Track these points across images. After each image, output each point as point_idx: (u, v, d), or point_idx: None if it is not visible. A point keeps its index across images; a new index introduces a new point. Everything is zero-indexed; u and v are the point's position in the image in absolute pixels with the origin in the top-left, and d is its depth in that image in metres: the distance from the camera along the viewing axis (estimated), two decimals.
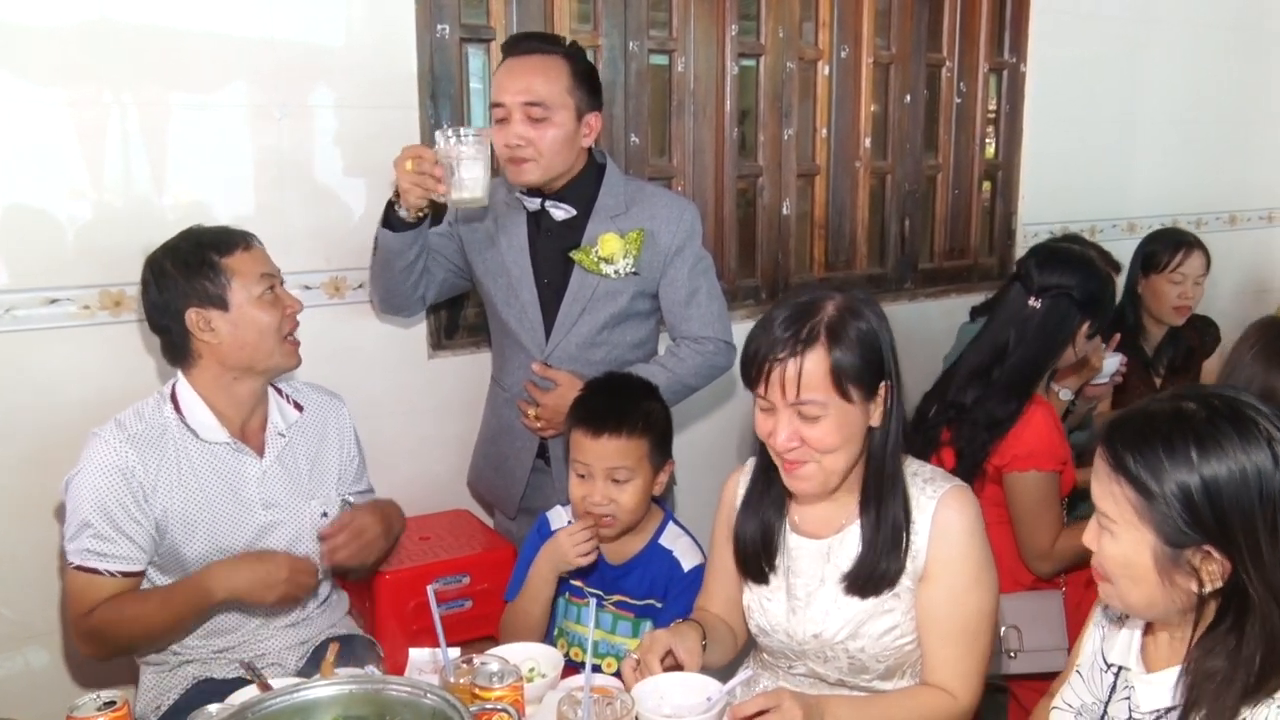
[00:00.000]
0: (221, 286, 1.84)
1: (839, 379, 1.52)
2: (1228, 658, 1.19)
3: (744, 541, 1.72)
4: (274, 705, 1.32)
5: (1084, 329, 2.35)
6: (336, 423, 2.08)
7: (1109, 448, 1.25)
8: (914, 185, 3.46)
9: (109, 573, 1.81)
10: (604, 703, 1.43)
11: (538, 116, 2.11)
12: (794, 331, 1.52)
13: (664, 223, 2.22)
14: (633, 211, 2.23)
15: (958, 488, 1.64)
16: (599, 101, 2.21)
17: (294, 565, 1.89)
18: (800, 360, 1.51)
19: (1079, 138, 3.76)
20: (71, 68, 2.07)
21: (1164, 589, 1.22)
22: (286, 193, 2.33)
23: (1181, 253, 3.01)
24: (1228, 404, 1.21)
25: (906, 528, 1.60)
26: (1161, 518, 1.19)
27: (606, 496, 1.90)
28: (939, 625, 1.61)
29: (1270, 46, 4.26)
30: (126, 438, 1.83)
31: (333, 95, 2.35)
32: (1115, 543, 1.25)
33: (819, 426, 1.54)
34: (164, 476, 1.85)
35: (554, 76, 2.12)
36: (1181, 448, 1.18)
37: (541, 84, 2.10)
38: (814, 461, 1.57)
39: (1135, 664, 1.36)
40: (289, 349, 1.93)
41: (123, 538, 1.82)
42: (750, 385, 1.58)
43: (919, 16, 3.36)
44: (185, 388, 1.90)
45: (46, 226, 2.10)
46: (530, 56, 2.13)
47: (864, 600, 1.62)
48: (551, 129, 2.12)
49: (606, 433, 1.88)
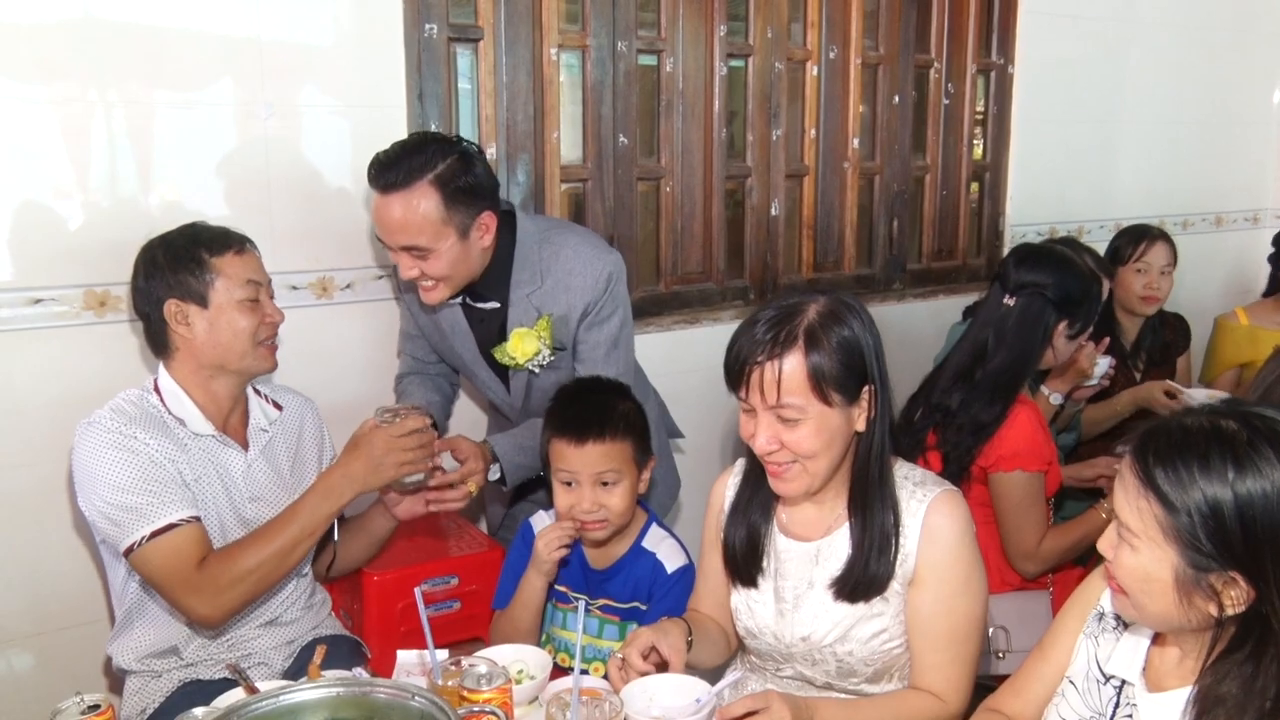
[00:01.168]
0: (205, 284, 1.85)
1: (818, 383, 1.52)
2: (1241, 686, 1.15)
3: (732, 546, 1.72)
4: (260, 708, 1.31)
5: (1062, 329, 2.35)
6: (313, 423, 2.12)
7: (1140, 460, 1.19)
8: (902, 186, 3.46)
9: (184, 520, 1.79)
10: (592, 704, 1.42)
11: (421, 255, 2.04)
12: (773, 335, 1.53)
13: (579, 293, 2.17)
14: (548, 284, 2.17)
15: (948, 492, 1.63)
16: (486, 200, 2.08)
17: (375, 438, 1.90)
18: (779, 363, 1.51)
19: (1066, 139, 3.77)
20: (55, 66, 2.05)
21: (1181, 608, 1.18)
22: (273, 192, 2.32)
23: (1144, 244, 3.08)
24: (1269, 425, 1.16)
25: (896, 532, 1.60)
26: (1188, 538, 1.15)
27: (595, 502, 1.89)
28: (928, 630, 1.60)
29: (1255, 48, 4.29)
30: (127, 419, 1.82)
31: (319, 95, 2.34)
32: (1135, 556, 1.21)
33: (798, 430, 1.54)
34: (173, 453, 1.84)
35: (424, 212, 2.00)
36: (1218, 466, 1.13)
37: (414, 227, 2.00)
38: (797, 463, 1.57)
39: (1139, 680, 1.33)
40: (263, 353, 1.93)
41: (171, 486, 1.80)
42: (732, 388, 1.58)
43: (907, 18, 3.37)
44: (167, 380, 1.91)
45: (31, 226, 2.09)
46: (394, 195, 2.00)
47: (853, 604, 1.62)
48: (440, 259, 2.05)
49: (590, 439, 1.88)
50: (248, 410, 2.00)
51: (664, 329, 2.92)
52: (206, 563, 1.79)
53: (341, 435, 2.12)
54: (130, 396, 1.89)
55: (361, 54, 2.38)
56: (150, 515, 1.77)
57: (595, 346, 2.21)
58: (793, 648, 1.67)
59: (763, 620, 1.69)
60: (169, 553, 1.77)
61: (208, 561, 1.79)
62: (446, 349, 2.36)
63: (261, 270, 1.94)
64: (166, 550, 1.77)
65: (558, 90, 2.71)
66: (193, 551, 1.78)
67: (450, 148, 2.05)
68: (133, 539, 1.76)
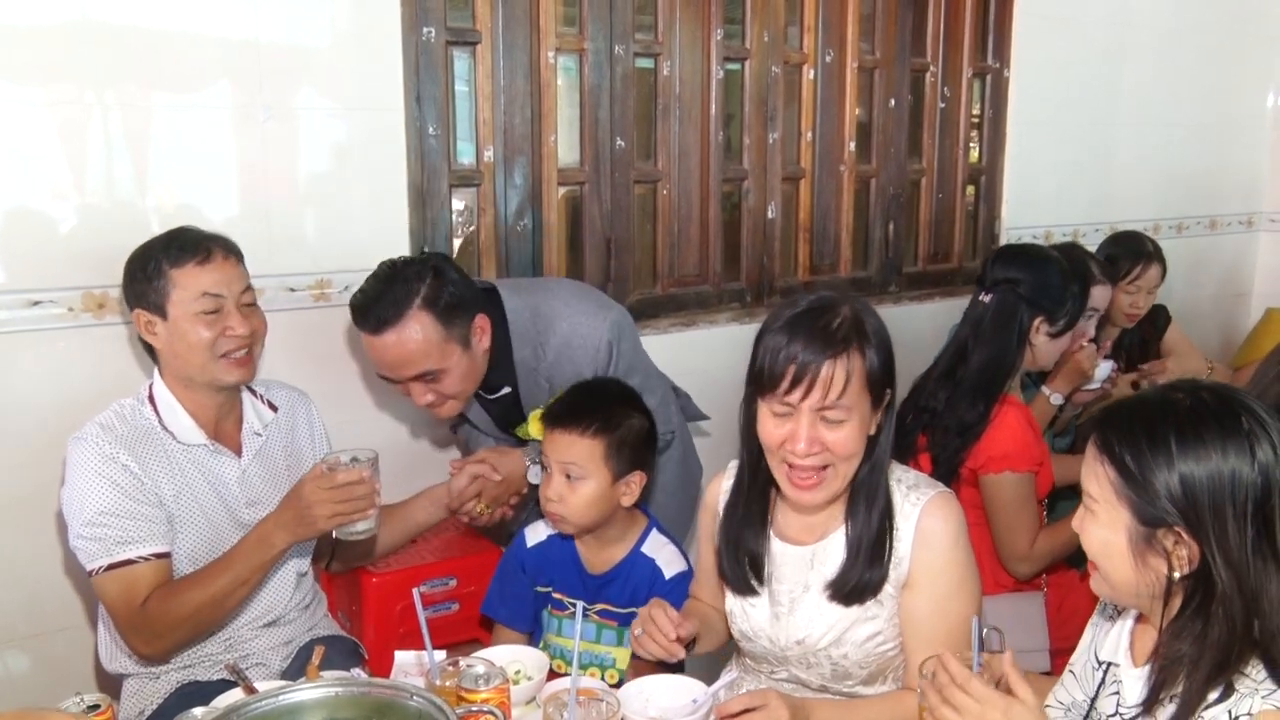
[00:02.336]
0: (163, 295, 1.84)
1: (870, 382, 1.52)
2: (1194, 642, 1.23)
3: (728, 554, 1.71)
4: (259, 708, 1.31)
5: (1040, 327, 2.35)
6: (307, 419, 2.11)
7: (1099, 431, 1.30)
8: (898, 189, 3.47)
9: (143, 558, 1.79)
10: (589, 704, 1.43)
11: (434, 379, 2.05)
12: (826, 335, 1.50)
13: (585, 365, 2.17)
14: (550, 357, 2.18)
15: (942, 494, 1.64)
16: (474, 305, 2.10)
17: (304, 487, 1.78)
18: (837, 363, 1.49)
19: (1062, 142, 3.78)
20: (53, 67, 2.06)
21: (1138, 570, 1.26)
22: (271, 195, 2.32)
23: (1139, 266, 3.08)
24: (1217, 397, 1.25)
25: (890, 536, 1.61)
26: (1137, 497, 1.24)
27: (558, 493, 1.88)
28: (922, 633, 1.61)
29: (1249, 51, 4.30)
30: (114, 438, 1.83)
31: (317, 97, 2.34)
32: (1096, 523, 1.30)
33: (841, 430, 1.52)
34: (157, 473, 1.85)
35: (426, 338, 2.01)
36: (1164, 431, 1.23)
37: (420, 355, 2.01)
38: (831, 467, 1.56)
39: (1124, 659, 1.38)
40: (226, 366, 1.88)
41: (142, 520, 1.80)
42: (768, 391, 1.53)
43: (903, 21, 3.38)
44: (160, 387, 1.91)
45: (29, 228, 2.09)
46: (389, 332, 2.00)
47: (847, 607, 1.62)
48: (452, 376, 2.06)
49: (562, 426, 1.88)
50: (242, 414, 1.99)
51: (661, 332, 2.92)
52: (149, 603, 1.79)
53: (339, 440, 2.13)
54: (122, 409, 1.89)
55: (359, 57, 2.38)
56: (111, 547, 1.78)
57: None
58: (788, 651, 1.67)
59: (758, 624, 1.70)
60: (121, 588, 1.79)
61: (150, 602, 1.79)
62: (474, 441, 2.39)
63: (232, 281, 1.88)
64: (119, 585, 1.79)
65: (555, 93, 2.71)
66: (141, 590, 1.79)
67: (423, 267, 2.05)
68: (93, 565, 1.79)
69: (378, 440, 2.48)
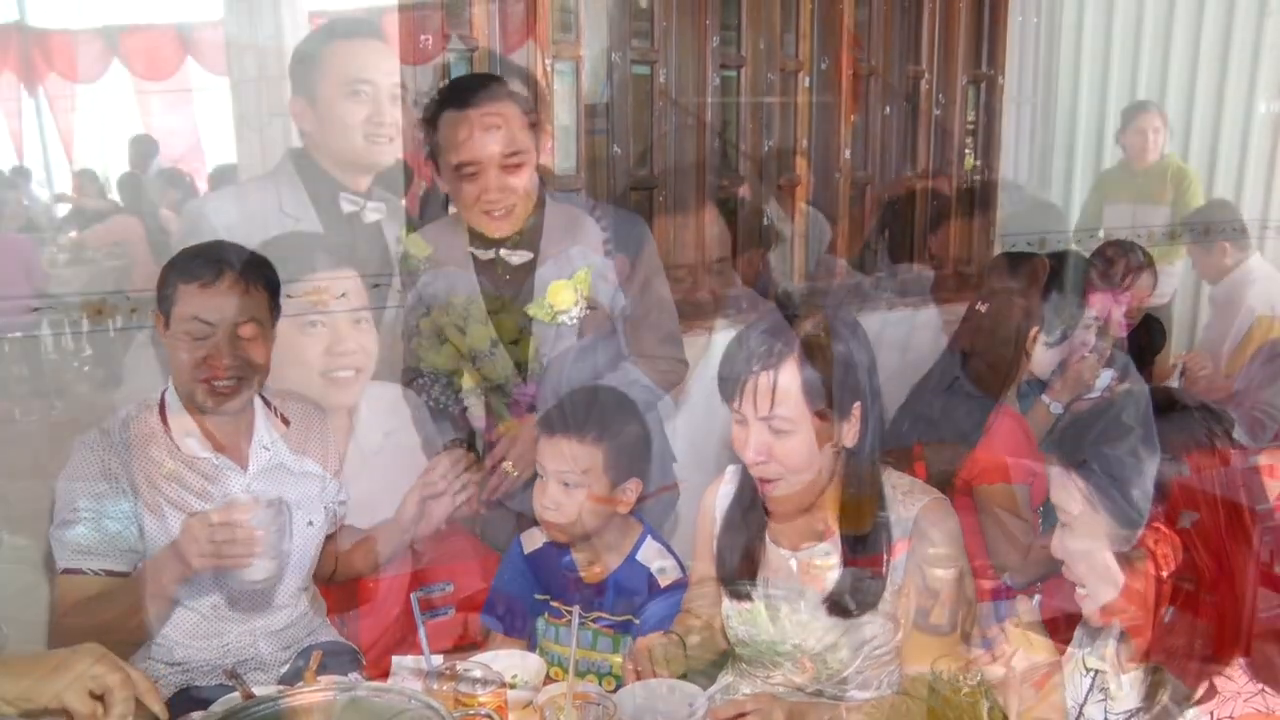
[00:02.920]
0: (168, 305, 1.84)
1: (811, 396, 1.54)
2: (1185, 632, 1.26)
3: (727, 561, 1.72)
4: (257, 713, 1.32)
5: (1035, 334, 2.36)
6: (320, 434, 2.08)
7: (1058, 450, 1.34)
8: (893, 196, 3.49)
9: (93, 571, 1.80)
10: (586, 709, 1.44)
11: (518, 164, 2.05)
12: (769, 346, 1.55)
13: (613, 244, 2.17)
14: (580, 240, 2.17)
15: (936, 500, 1.65)
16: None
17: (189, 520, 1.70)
18: (773, 374, 1.53)
19: (1056, 149, 3.80)
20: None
21: (1126, 577, 1.29)
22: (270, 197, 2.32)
23: (1130, 275, 3.08)
24: (1166, 397, 1.31)
25: (887, 547, 1.61)
26: (1111, 500, 1.27)
27: (554, 501, 1.87)
28: (917, 637, 1.61)
29: (1244, 60, 4.31)
30: (110, 445, 1.83)
31: None
32: (1074, 537, 1.32)
33: (789, 441, 1.56)
34: (148, 484, 1.84)
35: (518, 114, 2.06)
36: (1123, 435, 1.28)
37: (516, 124, 2.04)
38: (783, 478, 1.59)
39: (1111, 667, 1.39)
40: (202, 389, 1.84)
41: (106, 536, 1.80)
42: (726, 399, 1.60)
43: (897, 28, 3.40)
44: (171, 393, 1.90)
45: (28, 232, 2.09)
46: (490, 105, 2.02)
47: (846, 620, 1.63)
48: (529, 165, 2.08)
49: (557, 434, 1.88)
50: (253, 424, 1.97)
51: None
52: (68, 616, 1.79)
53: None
54: (129, 415, 1.89)
55: None
56: (68, 553, 1.80)
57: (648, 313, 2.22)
58: (783, 655, 1.68)
59: (754, 629, 1.70)
60: (61, 593, 1.80)
61: (69, 615, 1.79)
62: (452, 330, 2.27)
63: (220, 309, 1.81)
64: (61, 590, 1.80)
65: (552, 100, 2.72)
66: (79, 600, 1.79)
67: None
68: (55, 554, 1.81)
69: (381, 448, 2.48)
